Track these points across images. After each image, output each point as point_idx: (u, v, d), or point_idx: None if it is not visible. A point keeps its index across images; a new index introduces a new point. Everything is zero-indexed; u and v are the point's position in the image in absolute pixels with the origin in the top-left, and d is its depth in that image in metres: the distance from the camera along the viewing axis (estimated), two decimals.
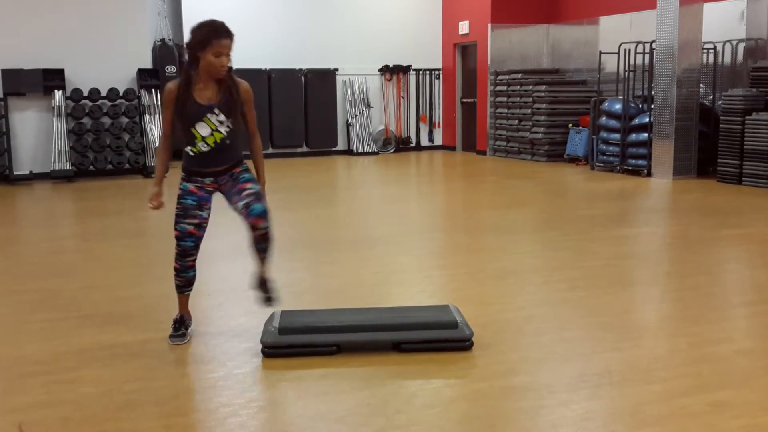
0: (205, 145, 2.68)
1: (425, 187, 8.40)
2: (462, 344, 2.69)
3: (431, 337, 2.69)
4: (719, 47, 7.72)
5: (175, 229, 2.78)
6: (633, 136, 7.87)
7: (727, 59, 7.77)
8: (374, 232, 5.20)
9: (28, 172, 8.14)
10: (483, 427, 2.15)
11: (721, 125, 7.12)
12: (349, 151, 10.49)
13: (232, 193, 2.74)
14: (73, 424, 2.18)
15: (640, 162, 7.79)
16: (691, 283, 3.68)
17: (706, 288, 3.63)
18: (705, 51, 7.66)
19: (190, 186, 2.75)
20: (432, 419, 2.20)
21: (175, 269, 2.84)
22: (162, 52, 9.26)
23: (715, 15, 7.53)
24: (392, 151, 10.79)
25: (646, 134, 7.70)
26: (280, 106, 9.97)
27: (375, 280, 3.82)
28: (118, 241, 4.97)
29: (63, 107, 8.21)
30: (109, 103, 8.41)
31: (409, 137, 10.98)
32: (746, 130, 6.83)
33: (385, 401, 2.33)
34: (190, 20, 9.50)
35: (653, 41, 7.65)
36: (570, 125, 9.06)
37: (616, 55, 8.22)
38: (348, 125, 10.49)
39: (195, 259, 2.84)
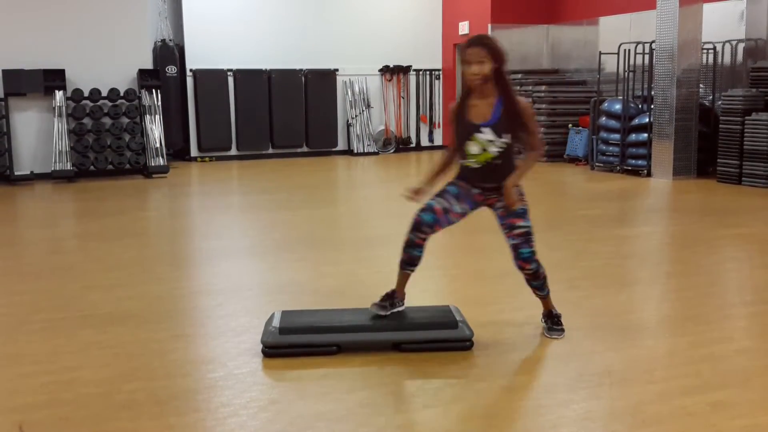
0: (476, 163, 2.65)
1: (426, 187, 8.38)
2: (462, 344, 2.69)
3: (431, 337, 2.69)
4: (719, 47, 7.72)
5: (424, 202, 2.70)
6: (633, 137, 7.87)
7: (727, 59, 7.77)
8: (374, 232, 5.21)
9: (28, 173, 8.13)
10: (483, 426, 2.15)
11: (720, 125, 7.12)
12: (349, 152, 10.49)
13: (503, 223, 2.71)
14: (74, 424, 2.19)
15: (639, 162, 7.79)
16: (690, 283, 3.68)
17: (705, 288, 3.63)
18: (705, 51, 7.66)
19: (460, 182, 2.73)
20: (432, 419, 2.21)
21: (405, 243, 2.71)
22: (162, 52, 9.26)
23: (715, 15, 7.53)
24: (392, 151, 10.79)
25: (645, 134, 7.70)
26: (281, 107, 9.97)
27: (375, 280, 3.81)
28: (118, 241, 4.97)
29: (64, 107, 8.21)
30: (110, 104, 8.41)
31: (409, 137, 10.98)
32: (746, 130, 6.83)
33: (385, 401, 2.33)
34: (190, 20, 9.56)
35: (653, 41, 7.65)
36: (570, 125, 9.06)
37: (616, 55, 8.22)
38: (348, 125, 10.49)
39: (425, 239, 2.70)
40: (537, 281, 2.78)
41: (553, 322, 2.88)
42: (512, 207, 2.65)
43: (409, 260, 2.76)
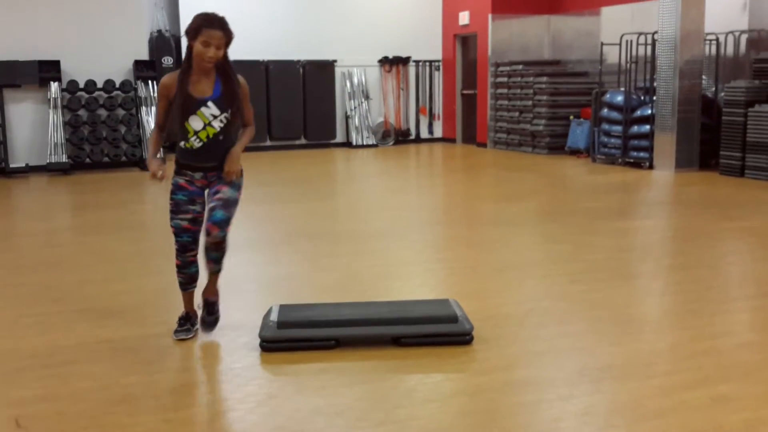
0: (198, 140, 2.64)
1: (425, 179, 8.37)
2: (462, 338, 2.67)
3: (431, 332, 2.67)
4: (722, 38, 7.66)
5: (171, 225, 2.75)
6: (635, 128, 7.83)
7: (730, 50, 7.71)
8: (373, 225, 5.18)
9: (24, 165, 8.09)
10: (483, 421, 2.13)
11: (723, 117, 7.08)
12: (348, 144, 10.44)
13: (211, 191, 2.70)
14: (70, 418, 2.17)
15: (641, 154, 7.75)
16: (692, 276, 3.66)
17: (707, 281, 3.61)
18: (707, 42, 7.60)
19: (180, 180, 2.71)
20: (431, 414, 2.19)
21: (177, 266, 2.79)
22: (158, 43, 9.19)
23: (718, 6, 7.47)
24: (391, 143, 10.74)
25: (648, 126, 7.65)
26: (279, 98, 9.91)
27: (374, 273, 3.79)
28: (114, 234, 4.94)
29: (59, 99, 8.15)
30: (106, 95, 8.35)
31: (408, 129, 10.93)
32: (749, 122, 6.79)
33: (384, 396, 2.31)
34: (186, 11, 9.46)
35: (655, 32, 7.59)
36: (571, 117, 9.01)
37: (618, 46, 8.16)
38: (347, 117, 10.43)
39: (195, 254, 2.79)
40: (218, 252, 2.73)
41: (209, 311, 2.80)
42: (230, 175, 2.65)
43: (189, 280, 2.80)
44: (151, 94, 8.57)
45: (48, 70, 8.15)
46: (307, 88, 10.09)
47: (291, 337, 2.64)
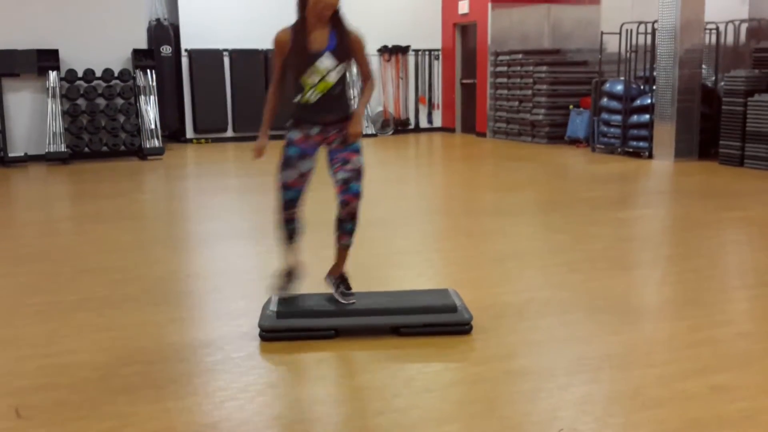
0: (315, 94, 2.59)
1: (424, 169, 8.34)
2: (461, 328, 2.67)
3: (430, 321, 2.67)
4: (722, 28, 7.61)
5: (278, 180, 2.70)
6: (634, 118, 7.80)
7: (730, 40, 7.67)
8: (372, 215, 5.15)
9: (22, 154, 8.06)
10: (482, 410, 2.14)
11: (723, 107, 7.05)
12: None
13: (337, 157, 2.64)
14: (70, 407, 2.17)
15: (641, 144, 7.73)
16: (691, 266, 3.66)
17: (706, 271, 3.61)
18: (707, 31, 7.56)
19: (295, 136, 2.67)
20: (431, 403, 2.19)
21: (282, 221, 2.72)
22: (157, 32, 9.12)
23: None
24: (391, 133, 10.70)
25: (647, 116, 7.63)
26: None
27: (373, 263, 3.79)
28: (114, 223, 4.93)
29: (57, 88, 8.10)
30: (104, 84, 8.30)
31: (407, 119, 10.89)
32: (748, 111, 6.77)
33: (383, 385, 2.32)
34: (184, 0, 9.37)
35: (655, 21, 7.54)
36: (571, 106, 8.98)
37: (618, 35, 8.11)
38: None
39: (297, 212, 2.72)
40: (352, 223, 2.70)
41: (346, 286, 2.79)
42: (356, 137, 2.61)
43: (292, 233, 2.78)
44: (150, 83, 8.52)
45: (46, 59, 8.09)
46: None
47: (290, 326, 2.64)
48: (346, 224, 2.72)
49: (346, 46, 2.60)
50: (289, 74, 2.64)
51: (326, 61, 2.58)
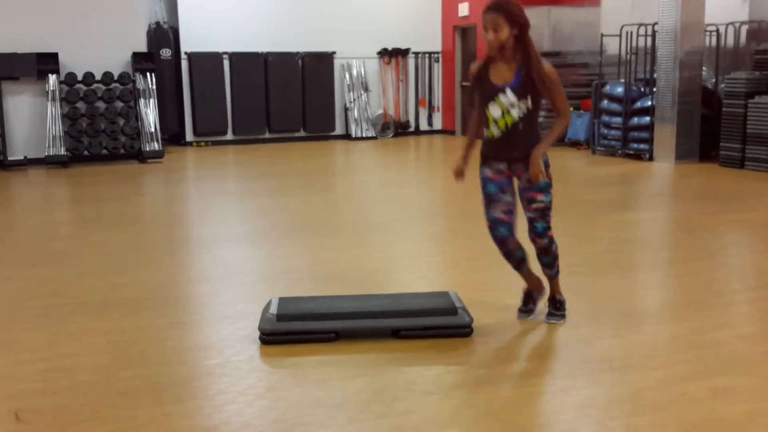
0: (497, 129, 2.60)
1: (424, 172, 8.34)
2: (462, 330, 2.67)
3: (430, 324, 2.66)
4: (722, 30, 7.61)
5: (487, 220, 2.71)
6: (635, 120, 7.80)
7: (730, 42, 7.67)
8: (373, 218, 5.17)
9: (22, 158, 8.06)
10: (483, 413, 2.13)
11: (723, 109, 7.05)
12: (347, 136, 10.41)
13: (524, 196, 2.68)
14: (70, 411, 2.16)
15: (641, 146, 7.73)
16: (692, 269, 3.66)
17: (707, 273, 3.60)
18: (708, 33, 7.56)
19: (488, 172, 2.68)
20: (431, 406, 2.19)
21: (504, 255, 2.75)
22: (157, 35, 9.13)
23: None
24: (391, 135, 10.70)
25: (648, 118, 7.63)
26: (278, 90, 9.86)
27: (374, 266, 3.78)
28: (113, 227, 4.93)
29: (57, 91, 8.11)
30: (104, 87, 8.31)
31: (408, 121, 10.89)
32: (749, 113, 6.76)
33: (384, 388, 2.31)
34: (185, 2, 9.40)
35: (655, 23, 7.54)
36: (571, 109, 8.96)
37: (618, 37, 8.11)
38: (346, 109, 10.39)
39: (515, 242, 2.70)
40: (548, 257, 2.75)
41: (554, 307, 2.85)
42: (537, 180, 2.59)
43: (517, 264, 2.79)
44: (150, 86, 8.53)
45: (46, 63, 8.10)
46: (306, 80, 10.03)
47: (291, 329, 2.64)
48: (542, 258, 2.77)
49: (530, 81, 2.54)
50: (477, 105, 2.66)
51: (508, 96, 2.56)
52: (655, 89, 7.54)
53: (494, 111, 2.59)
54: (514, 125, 2.58)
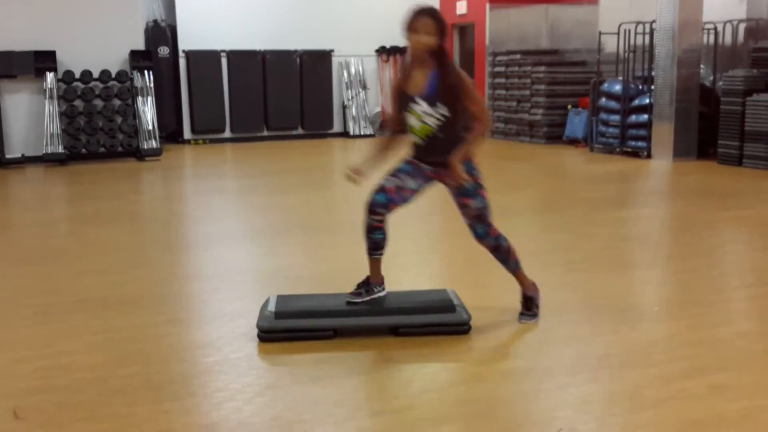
0: (417, 137, 2.60)
1: None
2: (460, 328, 2.67)
3: (429, 321, 2.66)
4: (720, 27, 7.62)
5: (377, 182, 2.65)
6: (633, 118, 7.81)
7: (728, 40, 7.67)
8: None
9: (20, 156, 8.05)
10: (481, 410, 2.13)
11: (721, 106, 7.06)
12: (345, 134, 10.40)
13: (456, 201, 2.69)
14: (68, 408, 2.16)
15: (639, 144, 7.73)
16: (690, 266, 3.66)
17: (705, 270, 3.61)
18: (705, 31, 7.56)
19: (412, 159, 2.68)
20: (429, 403, 2.19)
21: (364, 228, 2.65)
22: (154, 33, 9.11)
23: None
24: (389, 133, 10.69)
25: (646, 115, 7.63)
26: (276, 88, 9.85)
27: None
28: (111, 225, 4.92)
29: (55, 89, 8.09)
30: (102, 85, 8.29)
31: None
32: (747, 111, 6.77)
33: (382, 385, 2.31)
34: (182, 1, 9.37)
35: (653, 21, 7.54)
36: (569, 106, 8.98)
37: (616, 35, 8.11)
38: (344, 107, 10.38)
39: (382, 220, 2.62)
40: (499, 254, 2.76)
41: (525, 306, 2.81)
42: (460, 183, 2.59)
43: (374, 246, 2.68)
44: (147, 84, 8.51)
45: (44, 61, 8.08)
46: (304, 78, 10.02)
47: (289, 327, 2.63)
48: (495, 256, 2.77)
49: (444, 90, 2.52)
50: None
51: (421, 106, 2.55)
52: (653, 87, 7.54)
53: (411, 120, 2.60)
54: (433, 133, 2.58)
